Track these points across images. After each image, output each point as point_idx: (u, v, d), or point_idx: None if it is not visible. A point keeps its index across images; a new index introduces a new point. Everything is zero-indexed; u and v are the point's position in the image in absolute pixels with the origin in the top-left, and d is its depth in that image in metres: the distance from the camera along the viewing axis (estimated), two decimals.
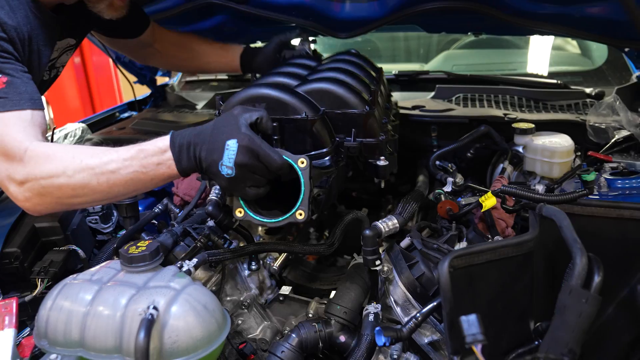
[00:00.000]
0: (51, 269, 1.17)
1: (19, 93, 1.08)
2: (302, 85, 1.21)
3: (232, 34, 2.09)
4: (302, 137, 1.10)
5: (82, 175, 1.02)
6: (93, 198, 1.06)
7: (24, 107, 1.08)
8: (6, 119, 1.05)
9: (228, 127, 1.00)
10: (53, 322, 0.94)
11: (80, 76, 4.86)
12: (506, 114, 1.70)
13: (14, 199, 1.06)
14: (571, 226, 0.92)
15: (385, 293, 1.15)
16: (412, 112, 1.76)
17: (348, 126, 1.17)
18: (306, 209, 0.99)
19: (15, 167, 1.03)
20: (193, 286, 0.97)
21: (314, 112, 1.11)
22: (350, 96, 1.17)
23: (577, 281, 0.84)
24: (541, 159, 1.48)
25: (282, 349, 1.07)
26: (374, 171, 1.17)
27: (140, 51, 1.85)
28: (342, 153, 1.15)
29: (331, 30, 1.95)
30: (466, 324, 0.74)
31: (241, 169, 0.98)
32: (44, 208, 1.07)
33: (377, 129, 1.19)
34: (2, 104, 1.05)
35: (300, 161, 1.02)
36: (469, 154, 1.72)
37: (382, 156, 1.17)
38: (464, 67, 2.30)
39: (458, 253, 0.90)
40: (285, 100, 1.11)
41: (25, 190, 1.04)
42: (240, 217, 1.05)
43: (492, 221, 1.25)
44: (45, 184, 1.02)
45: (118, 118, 2.32)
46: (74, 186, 1.02)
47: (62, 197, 1.04)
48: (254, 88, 1.15)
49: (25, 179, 1.03)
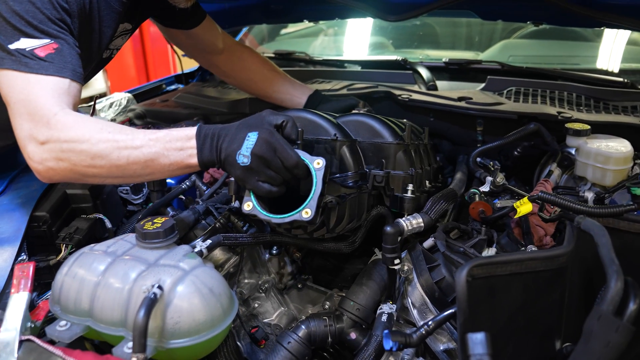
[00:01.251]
0: (76, 235, 1.19)
1: (64, 62, 1.09)
2: (340, 117, 1.30)
3: (279, 11, 2.05)
4: (329, 159, 1.14)
5: (105, 146, 1.03)
6: (109, 172, 1.05)
7: (64, 75, 1.09)
8: (44, 82, 1.06)
9: (253, 123, 1.04)
10: (66, 288, 0.96)
11: (137, 47, 5.00)
12: (560, 112, 1.57)
13: (29, 159, 1.06)
14: (610, 244, 0.83)
15: (403, 293, 1.10)
16: (456, 104, 1.66)
17: (378, 157, 1.22)
18: (313, 209, 0.96)
19: (40, 128, 1.03)
20: (202, 268, 0.96)
21: (344, 137, 1.17)
22: (382, 128, 1.24)
23: (609, 307, 0.75)
24: (594, 164, 1.36)
25: (289, 340, 1.05)
26: (400, 204, 1.16)
27: (207, 56, 1.80)
28: (368, 181, 1.16)
29: (380, 12, 1.86)
30: (472, 343, 0.68)
31: (257, 159, 0.99)
32: (55, 174, 1.07)
33: (406, 163, 1.20)
34: (46, 67, 1.06)
35: (316, 162, 1.01)
36: (516, 152, 1.61)
37: (409, 189, 1.15)
38: (521, 59, 2.14)
39: (479, 262, 0.83)
40: (318, 122, 1.19)
41: (44, 152, 1.04)
42: (247, 211, 1.03)
43: (528, 228, 1.16)
44: (66, 147, 1.03)
45: (164, 90, 2.35)
46: (94, 155, 1.02)
47: (78, 165, 1.04)
48: (293, 111, 1.25)
49: (47, 139, 1.03)
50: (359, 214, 1.17)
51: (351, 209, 1.12)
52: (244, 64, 1.80)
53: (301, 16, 2.12)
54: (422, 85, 1.93)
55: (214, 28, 1.74)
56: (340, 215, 1.10)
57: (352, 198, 1.12)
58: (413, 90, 1.86)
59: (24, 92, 1.04)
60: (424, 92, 1.82)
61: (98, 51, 1.33)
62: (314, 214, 0.97)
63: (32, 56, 1.05)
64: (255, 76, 1.80)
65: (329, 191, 1.04)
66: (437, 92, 1.85)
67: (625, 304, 0.76)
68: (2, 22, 1.06)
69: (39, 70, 1.05)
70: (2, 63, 1.06)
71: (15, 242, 1.14)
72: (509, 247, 1.18)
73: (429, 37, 2.72)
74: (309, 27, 2.83)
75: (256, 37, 2.77)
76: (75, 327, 0.93)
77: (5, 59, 1.05)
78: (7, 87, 1.06)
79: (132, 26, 1.47)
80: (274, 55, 2.38)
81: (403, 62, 2.06)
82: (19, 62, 1.05)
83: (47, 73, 1.06)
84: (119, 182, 1.19)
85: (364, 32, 2.62)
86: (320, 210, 0.99)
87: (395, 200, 1.19)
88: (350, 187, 1.13)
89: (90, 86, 4.68)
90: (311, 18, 2.18)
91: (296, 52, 2.33)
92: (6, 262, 1.10)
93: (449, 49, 2.63)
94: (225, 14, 2.12)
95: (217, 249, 1.22)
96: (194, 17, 1.64)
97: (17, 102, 1.05)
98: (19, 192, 1.30)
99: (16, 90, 1.05)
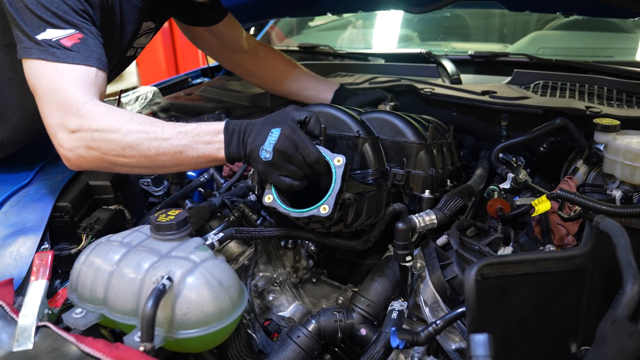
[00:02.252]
0: (96, 226, 1.23)
1: (90, 51, 1.13)
2: (364, 114, 1.29)
3: (302, 4, 2.04)
4: (350, 155, 1.15)
5: (136, 137, 1.06)
6: (137, 162, 1.08)
7: (91, 64, 1.12)
8: (72, 71, 1.10)
9: (277, 120, 1.07)
10: (83, 277, 0.99)
11: (167, 41, 5.08)
12: (589, 106, 1.51)
13: (59, 146, 1.10)
14: (629, 246, 0.79)
15: (416, 291, 1.08)
16: (480, 98, 1.61)
17: (400, 155, 1.22)
18: (331, 206, 0.97)
19: (70, 116, 1.07)
20: (212, 261, 0.97)
21: (367, 134, 1.17)
22: (405, 127, 1.23)
23: (624, 311, 0.72)
24: (622, 161, 1.30)
25: (298, 334, 1.05)
26: (418, 203, 1.17)
27: (232, 55, 1.80)
28: (388, 179, 1.16)
29: (404, 4, 1.84)
30: (474, 344, 0.66)
31: (279, 155, 1.01)
32: (85, 162, 1.10)
33: (427, 163, 1.20)
34: (72, 56, 1.10)
35: (336, 160, 1.02)
36: (542, 148, 1.56)
37: (428, 190, 1.17)
38: (551, 51, 2.06)
39: (489, 261, 0.81)
40: (341, 118, 1.20)
41: (75, 140, 1.07)
42: (268, 203, 1.04)
43: (548, 227, 1.12)
44: (97, 136, 1.06)
45: (190, 83, 2.39)
46: (125, 145, 1.06)
47: (108, 154, 1.07)
48: (318, 106, 1.25)
49: (78, 128, 1.06)
50: (377, 211, 1.16)
51: (369, 205, 1.12)
52: (268, 63, 1.81)
53: (324, 9, 2.11)
54: (446, 78, 1.89)
55: (238, 27, 1.75)
56: (359, 211, 1.10)
57: (371, 195, 1.11)
58: (436, 84, 1.82)
59: (52, 81, 1.08)
60: (447, 86, 1.79)
61: (119, 46, 1.36)
62: (332, 211, 0.98)
63: (59, 46, 1.09)
64: (280, 74, 1.80)
65: (348, 188, 1.04)
66: (461, 85, 1.81)
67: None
68: (29, 13, 1.09)
69: (66, 59, 1.09)
70: (29, 53, 1.09)
71: (38, 231, 1.18)
72: (528, 246, 1.15)
73: (457, 29, 2.66)
74: (338, 19, 2.81)
75: (283, 29, 2.77)
76: (91, 315, 0.95)
77: (32, 49, 1.09)
78: (36, 76, 1.10)
79: (156, 25, 1.50)
80: (298, 48, 2.38)
81: (427, 55, 2.03)
82: (47, 51, 1.08)
83: (74, 62, 1.09)
84: (147, 172, 1.22)
85: (393, 25, 2.58)
86: (338, 207, 1.00)
87: (414, 199, 1.19)
88: (370, 184, 1.13)
89: (123, 80, 4.79)
90: (334, 11, 2.17)
91: (320, 46, 2.32)
92: (29, 251, 1.14)
93: (478, 41, 2.57)
94: (249, 8, 2.13)
95: (232, 241, 1.24)
96: (215, 13, 1.66)
97: (46, 91, 1.08)
98: (44, 183, 1.34)
99: (45, 79, 1.08)
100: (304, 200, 1.04)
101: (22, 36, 1.10)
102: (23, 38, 1.10)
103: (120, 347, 0.83)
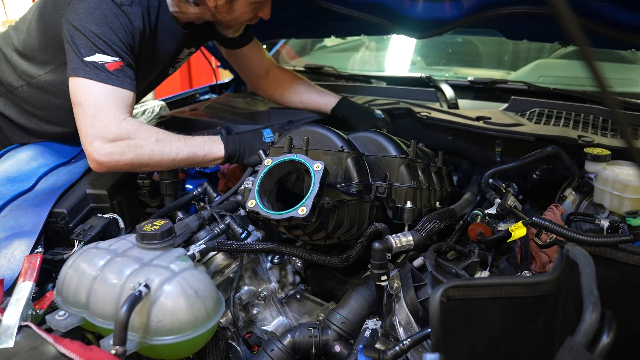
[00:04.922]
0: (89, 233, 1.27)
1: (126, 76, 1.35)
2: (350, 134, 1.37)
3: (306, 26, 2.10)
4: (335, 170, 1.20)
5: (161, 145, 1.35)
6: (160, 163, 1.37)
7: (128, 87, 1.35)
8: (114, 92, 1.32)
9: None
10: (68, 280, 1.02)
11: None
12: (582, 135, 1.52)
13: (94, 152, 1.29)
14: (593, 274, 0.80)
15: (392, 311, 1.10)
16: (474, 124, 1.64)
17: (383, 170, 1.27)
18: (309, 207, 0.98)
19: (111, 128, 1.29)
20: (191, 271, 0.99)
21: (350, 149, 1.22)
22: (388, 143, 1.30)
23: (582, 339, 0.73)
24: (611, 192, 1.31)
25: (272, 347, 1.07)
26: (400, 215, 1.21)
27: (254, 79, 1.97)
28: (371, 192, 1.20)
29: (405, 29, 1.88)
30: None
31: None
32: (115, 164, 1.31)
33: (409, 177, 1.25)
34: (113, 79, 1.32)
35: (316, 165, 1.04)
36: (535, 175, 1.57)
37: (410, 201, 1.21)
38: (552, 79, 2.08)
39: (455, 283, 0.83)
40: (327, 135, 1.26)
41: (112, 146, 1.29)
42: (251, 208, 1.06)
43: (527, 253, 1.13)
44: (134, 143, 1.31)
45: (197, 99, 2.45)
46: (152, 150, 1.33)
47: (140, 156, 1.32)
48: (307, 125, 1.32)
49: (117, 137, 1.29)
50: (359, 222, 1.18)
51: (351, 215, 1.14)
52: (284, 81, 1.94)
53: (329, 32, 2.17)
54: (444, 103, 1.92)
55: (262, 50, 1.93)
56: (340, 220, 1.11)
57: (353, 205, 1.13)
58: (434, 108, 1.86)
59: (100, 98, 1.30)
60: (444, 111, 1.81)
61: (155, 67, 1.61)
62: (309, 212, 0.99)
63: (103, 69, 1.31)
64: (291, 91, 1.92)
65: (330, 195, 1.06)
66: (457, 110, 1.83)
67: (598, 338, 0.74)
68: (83, 38, 1.31)
69: (108, 81, 1.31)
70: (77, 72, 1.31)
71: (33, 235, 1.22)
72: (507, 271, 1.16)
73: (462, 54, 2.69)
74: (354, 40, 2.87)
75: (294, 48, 2.85)
76: (72, 318, 0.98)
77: (79, 69, 1.31)
78: (82, 92, 1.31)
79: (195, 49, 1.73)
80: (304, 69, 2.44)
81: (427, 79, 2.06)
82: (93, 72, 1.30)
83: (115, 84, 1.32)
84: (165, 169, 1.46)
85: (405, 48, 2.63)
86: (316, 210, 1.01)
87: (396, 211, 1.21)
88: (351, 194, 1.15)
89: None
90: (338, 34, 2.22)
91: (325, 67, 2.37)
92: (23, 254, 1.18)
93: (481, 67, 2.59)
94: (257, 28, 2.20)
95: (220, 254, 1.27)
96: (242, 38, 1.84)
97: (91, 105, 1.29)
98: (44, 189, 1.40)
99: (92, 95, 1.30)
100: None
101: (74, 58, 1.31)
102: (74, 59, 1.31)
103: (94, 350, 0.86)
